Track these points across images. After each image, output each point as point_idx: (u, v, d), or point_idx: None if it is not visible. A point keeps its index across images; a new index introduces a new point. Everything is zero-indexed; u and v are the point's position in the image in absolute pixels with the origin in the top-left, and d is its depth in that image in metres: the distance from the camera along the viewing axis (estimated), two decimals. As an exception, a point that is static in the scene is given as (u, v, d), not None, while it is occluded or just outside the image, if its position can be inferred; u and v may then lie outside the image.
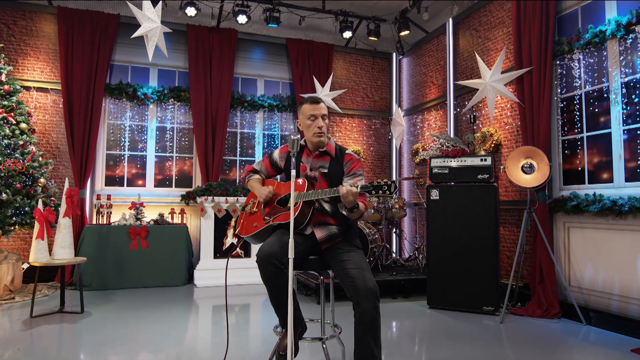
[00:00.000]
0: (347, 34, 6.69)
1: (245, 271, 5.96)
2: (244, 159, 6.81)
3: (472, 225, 4.42)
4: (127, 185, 6.23)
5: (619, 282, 3.87)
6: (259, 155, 6.88)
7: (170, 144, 6.43)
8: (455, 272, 4.46)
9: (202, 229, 5.91)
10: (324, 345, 2.55)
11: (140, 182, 6.30)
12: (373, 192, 2.23)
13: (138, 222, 5.61)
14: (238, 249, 6.09)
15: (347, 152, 2.65)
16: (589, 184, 4.25)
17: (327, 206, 2.56)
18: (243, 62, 6.83)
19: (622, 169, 3.93)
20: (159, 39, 4.35)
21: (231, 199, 5.99)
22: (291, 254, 2.15)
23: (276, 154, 2.78)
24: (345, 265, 2.38)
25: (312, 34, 7.15)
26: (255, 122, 6.88)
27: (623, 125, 3.93)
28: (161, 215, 5.79)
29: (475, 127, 5.74)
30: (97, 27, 5.92)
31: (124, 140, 6.22)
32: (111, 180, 6.17)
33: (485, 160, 4.45)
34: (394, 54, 7.68)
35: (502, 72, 4.89)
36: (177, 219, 6.01)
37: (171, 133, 6.44)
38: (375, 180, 2.26)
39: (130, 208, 5.70)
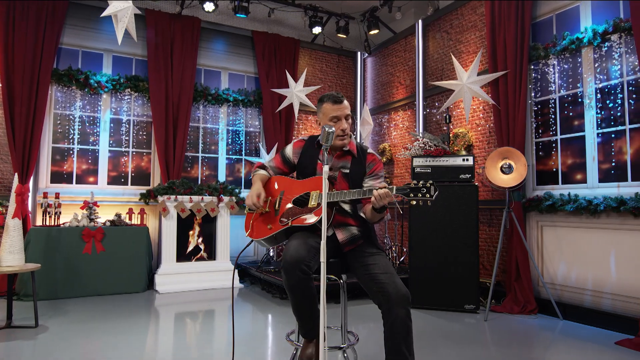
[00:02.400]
0: (317, 30, 6.53)
1: (211, 275, 5.63)
2: (206, 155, 6.42)
3: (454, 224, 4.46)
4: (77, 183, 5.61)
5: (593, 277, 4.06)
6: (222, 152, 6.52)
7: (126, 138, 5.89)
8: (436, 272, 4.46)
9: (164, 230, 5.47)
10: (345, 354, 2.38)
11: (91, 179, 5.71)
12: (411, 194, 2.10)
13: (92, 224, 5.07)
14: (203, 252, 5.72)
15: (369, 151, 2.50)
16: (562, 184, 4.44)
17: (346, 207, 2.40)
18: (206, 52, 6.44)
19: (596, 171, 4.14)
20: (129, 20, 3.92)
21: (196, 198, 5.61)
22: (323, 258, 1.97)
23: (289, 149, 2.56)
24: (372, 270, 2.23)
25: (277, 27, 6.92)
26: (219, 116, 6.51)
27: (597, 129, 4.13)
28: (118, 216, 5.28)
29: (445, 128, 5.83)
30: (43, 5, 5.26)
31: (74, 132, 5.60)
32: (58, 177, 5.53)
33: (467, 160, 4.50)
34: (359, 53, 7.64)
35: (477, 75, 4.98)
36: (135, 220, 5.51)
37: (127, 126, 5.91)
38: (411, 182, 2.13)
39: (82, 208, 5.14)
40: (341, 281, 2.48)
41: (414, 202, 2.11)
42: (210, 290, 5.42)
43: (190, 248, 5.65)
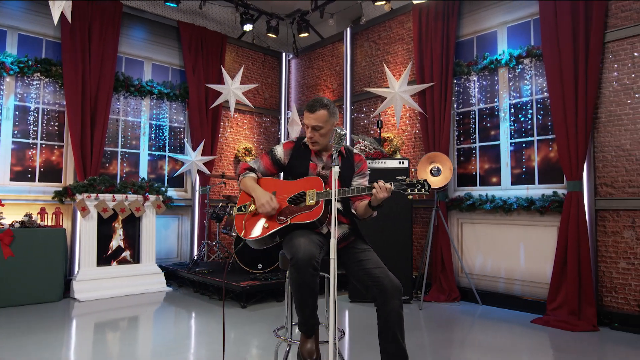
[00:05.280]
0: (248, 27, 6.46)
1: (136, 279, 5.26)
2: (127, 150, 5.95)
3: (390, 223, 4.78)
4: (-29, 178, 4.82)
5: (505, 267, 4.70)
6: (144, 148, 6.10)
7: (35, 128, 5.21)
8: (374, 267, 4.75)
9: (83, 231, 4.97)
10: (337, 348, 2.48)
11: (-10, 174, 4.95)
12: (408, 190, 2.30)
13: (-2, 225, 4.42)
14: (126, 253, 5.31)
15: (355, 151, 2.64)
16: (480, 186, 5.05)
17: (339, 205, 2.51)
18: (127, 40, 5.97)
19: (509, 175, 4.79)
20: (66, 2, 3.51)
21: (119, 197, 5.19)
22: (333, 255, 2.07)
23: (279, 150, 2.57)
24: (366, 265, 2.38)
25: (202, 21, 6.67)
26: (141, 109, 6.08)
27: (510, 139, 4.79)
28: (29, 216, 4.66)
29: (372, 132, 6.21)
30: None
31: (-32, 119, 4.81)
32: (-54, 171, 4.70)
33: (403, 162, 4.87)
34: (284, 54, 7.72)
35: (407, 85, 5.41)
36: (49, 220, 4.92)
37: (36, 114, 5.22)
38: (406, 178, 2.32)
39: (-17, 207, 4.44)
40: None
41: (410, 197, 2.32)
42: (136, 296, 5.06)
43: (111, 250, 5.21)
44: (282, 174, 2.64)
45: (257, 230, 2.39)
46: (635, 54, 3.89)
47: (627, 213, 3.90)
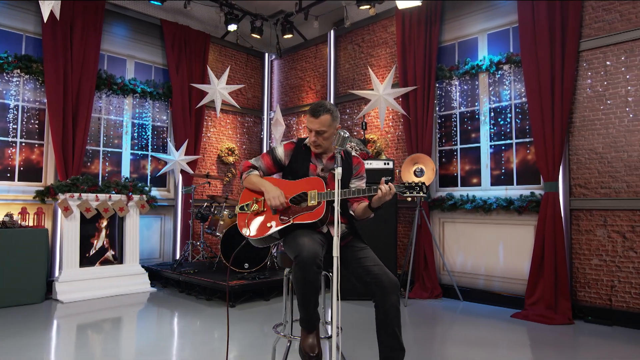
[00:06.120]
0: (232, 27, 6.46)
1: (120, 280, 5.20)
2: (108, 149, 5.86)
3: (375, 222, 4.87)
4: (-53, 177, 4.67)
5: (485, 264, 4.90)
6: (126, 147, 6.03)
7: (14, 126, 5.08)
8: (360, 265, 4.87)
9: (65, 231, 4.88)
10: (337, 344, 2.56)
11: (-33, 173, 4.80)
12: (407, 192, 2.40)
13: (-23, 226, 4.30)
14: (110, 253, 5.25)
15: (353, 154, 2.73)
16: (461, 186, 5.23)
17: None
18: (110, 37, 5.88)
19: (489, 176, 5.00)
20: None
21: (102, 197, 5.13)
22: (337, 253, 2.16)
23: (280, 150, 2.64)
24: (364, 263, 2.48)
25: (185, 19, 6.63)
26: (123, 108, 6.00)
27: (490, 142, 4.99)
28: (10, 216, 4.55)
29: (355, 133, 6.33)
30: None
31: (-56, 116, 4.65)
32: None
33: (388, 164, 5.00)
34: (266, 54, 7.75)
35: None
36: (30, 221, 4.81)
37: (15, 112, 5.09)
38: (405, 181, 2.43)
39: (-39, 207, 4.32)
40: (330, 274, 2.66)
41: (409, 199, 2.44)
42: (120, 297, 5.01)
43: (94, 250, 5.13)
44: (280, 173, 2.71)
45: (260, 229, 2.45)
46: (608, 62, 4.14)
47: (599, 212, 4.14)
